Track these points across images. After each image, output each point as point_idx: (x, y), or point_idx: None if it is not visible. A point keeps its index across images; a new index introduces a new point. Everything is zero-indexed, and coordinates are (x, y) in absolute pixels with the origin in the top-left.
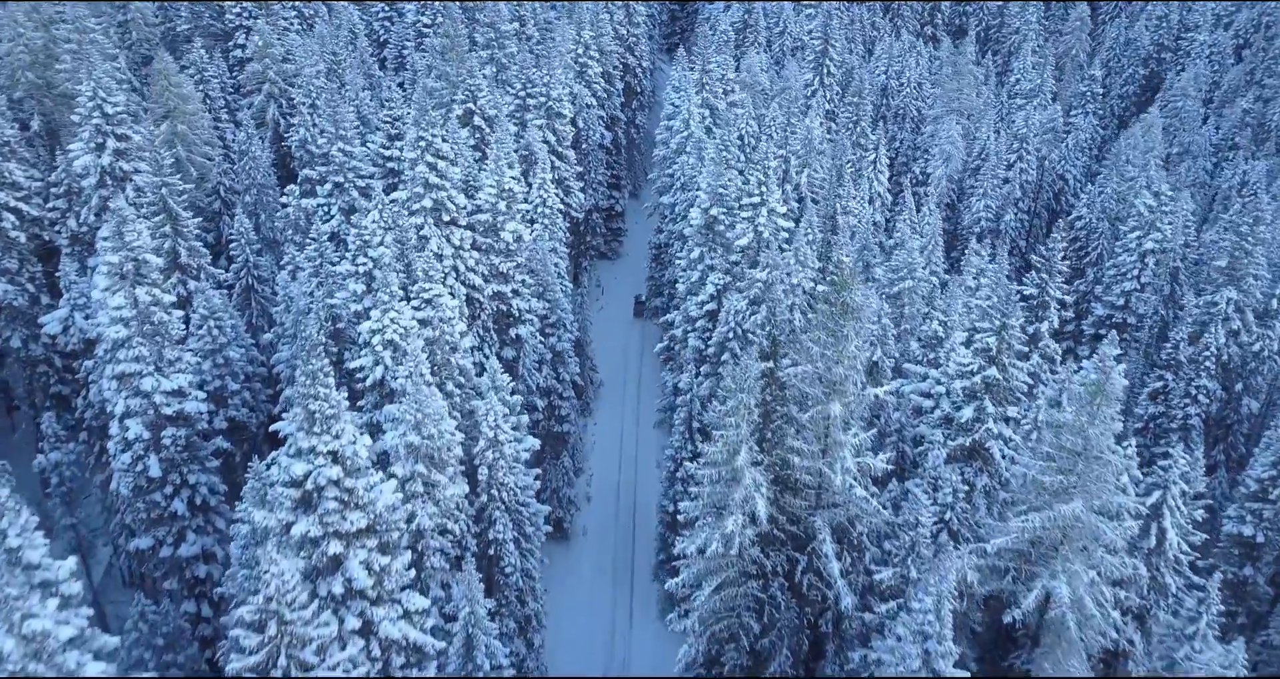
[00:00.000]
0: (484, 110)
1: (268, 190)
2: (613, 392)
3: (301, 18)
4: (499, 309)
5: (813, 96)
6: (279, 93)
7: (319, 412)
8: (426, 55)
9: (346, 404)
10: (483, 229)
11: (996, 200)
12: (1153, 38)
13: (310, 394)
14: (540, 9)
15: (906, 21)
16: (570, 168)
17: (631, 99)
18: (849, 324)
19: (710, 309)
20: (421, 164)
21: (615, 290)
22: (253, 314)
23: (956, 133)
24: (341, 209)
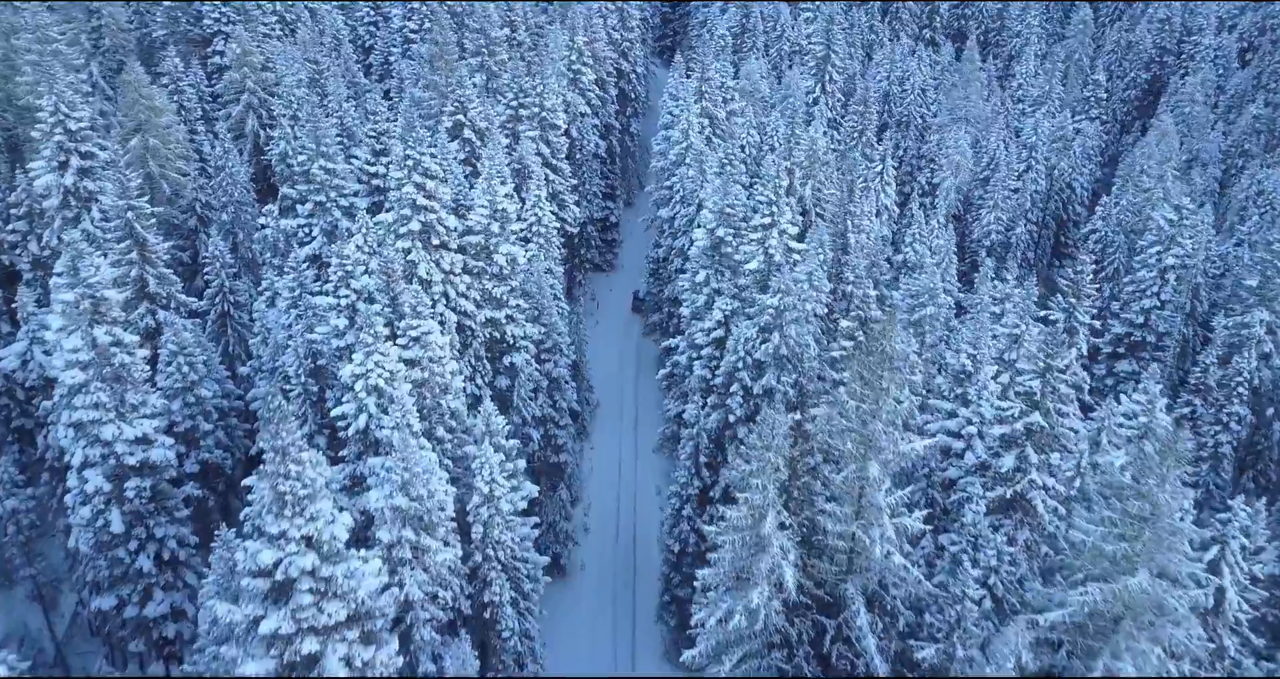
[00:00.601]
0: (474, 122)
1: (246, 207)
2: (610, 412)
3: (283, 23)
4: (492, 336)
5: (814, 104)
6: (258, 103)
7: (290, 493)
8: (414, 62)
9: (325, 459)
10: (474, 252)
11: (1007, 212)
12: (1155, 41)
13: (280, 472)
14: (531, 12)
15: (905, 25)
16: (565, 180)
17: (626, 105)
18: (889, 375)
19: (718, 336)
20: (409, 184)
21: (610, 303)
22: (229, 342)
23: (965, 143)
24: (323, 230)
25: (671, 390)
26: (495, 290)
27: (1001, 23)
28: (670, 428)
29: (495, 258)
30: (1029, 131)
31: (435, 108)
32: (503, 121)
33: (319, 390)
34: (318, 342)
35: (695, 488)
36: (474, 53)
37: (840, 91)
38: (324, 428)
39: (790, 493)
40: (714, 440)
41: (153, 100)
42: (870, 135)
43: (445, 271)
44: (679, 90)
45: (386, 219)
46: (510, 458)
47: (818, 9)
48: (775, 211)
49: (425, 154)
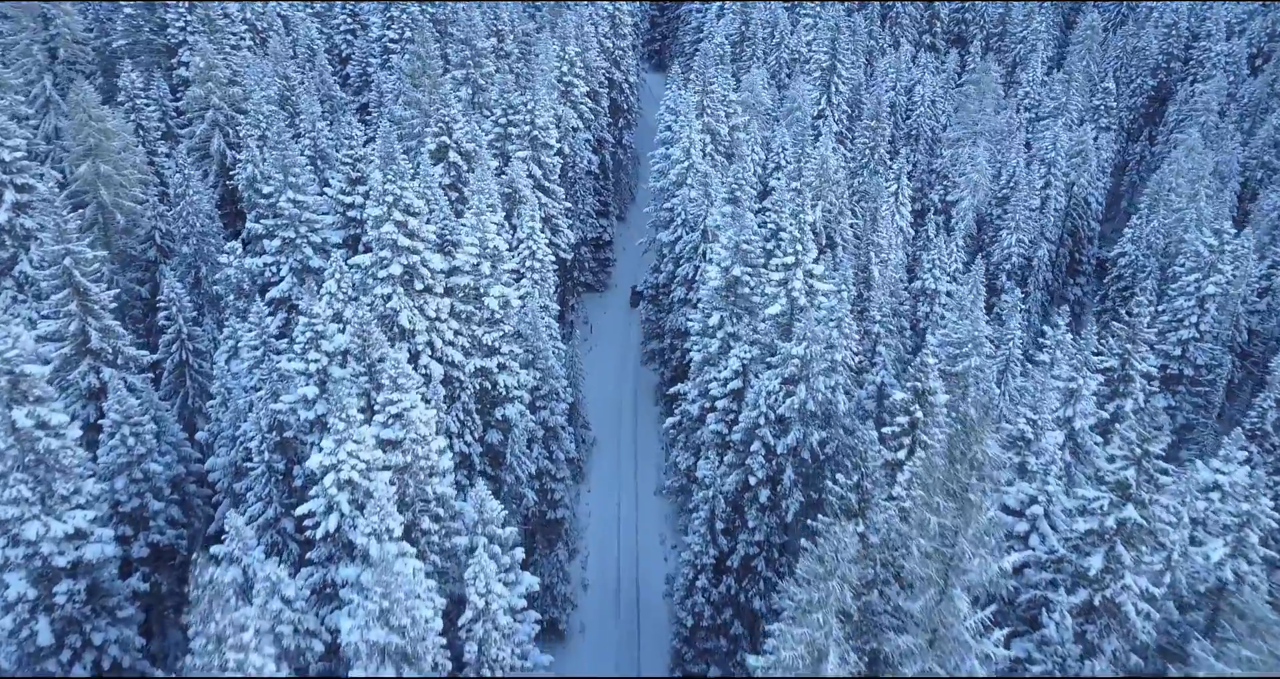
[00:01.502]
0: (460, 144)
1: (210, 238)
2: (608, 449)
3: (254, 31)
4: (482, 386)
5: (820, 118)
6: (225, 120)
7: None
8: (394, 76)
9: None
10: (463, 295)
11: (1028, 233)
12: (1161, 47)
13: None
14: (518, 19)
15: (905, 31)
16: (558, 203)
17: (618, 116)
18: (978, 484)
19: (735, 387)
20: (389, 222)
21: (605, 326)
22: (188, 394)
23: (984, 159)
24: (293, 269)
25: (680, 441)
26: (486, 336)
27: (1004, 28)
28: (678, 480)
29: (486, 301)
30: (1047, 146)
31: (417, 127)
32: (491, 140)
33: (285, 466)
34: (283, 412)
35: (711, 556)
36: (458, 65)
37: (846, 103)
38: (289, 509)
39: (849, 615)
40: (731, 503)
41: (104, 122)
42: (883, 152)
43: (430, 318)
44: (678, 103)
45: (364, 261)
46: (507, 549)
47: (818, 15)
48: (800, 249)
49: (407, 188)
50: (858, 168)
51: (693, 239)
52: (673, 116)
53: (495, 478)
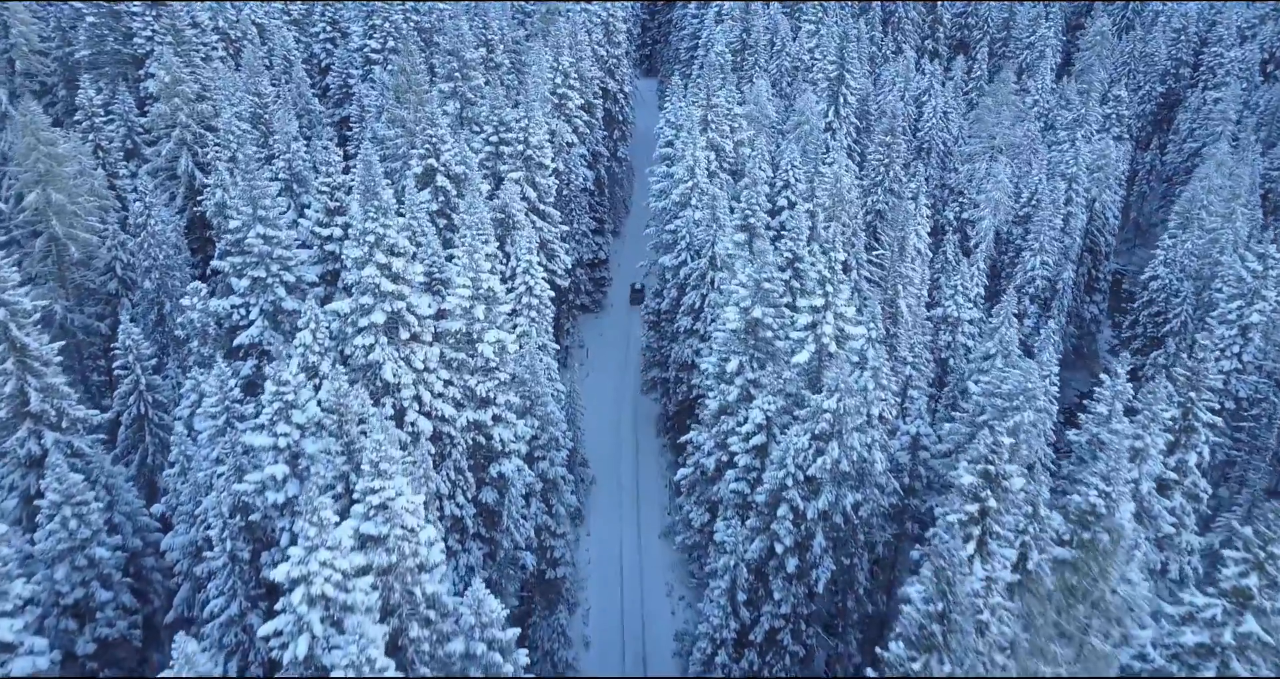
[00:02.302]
0: (449, 167)
1: (174, 272)
2: (607, 487)
3: (227, 41)
4: (475, 442)
5: (828, 131)
6: (194, 139)
7: None
8: (376, 88)
9: None
10: (454, 341)
11: (1053, 255)
12: (1170, 52)
13: None
14: (508, 27)
15: (908, 36)
16: (554, 227)
17: (612, 128)
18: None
19: (758, 443)
20: (370, 265)
21: (601, 350)
22: (148, 451)
23: (1006, 177)
24: (264, 311)
25: (692, 492)
26: (480, 386)
27: (1008, 33)
28: (690, 536)
29: (480, 348)
30: (1068, 160)
31: (402, 148)
32: (481, 159)
33: (251, 554)
34: (248, 493)
35: (732, 630)
36: (445, 77)
37: (855, 115)
38: (255, 603)
39: None
40: (754, 570)
41: (55, 146)
42: (898, 169)
43: (418, 370)
44: (678, 117)
45: (342, 308)
46: (508, 655)
47: (820, 22)
48: (830, 290)
49: (390, 226)
50: (871, 185)
51: (699, 266)
52: (673, 131)
53: (491, 540)
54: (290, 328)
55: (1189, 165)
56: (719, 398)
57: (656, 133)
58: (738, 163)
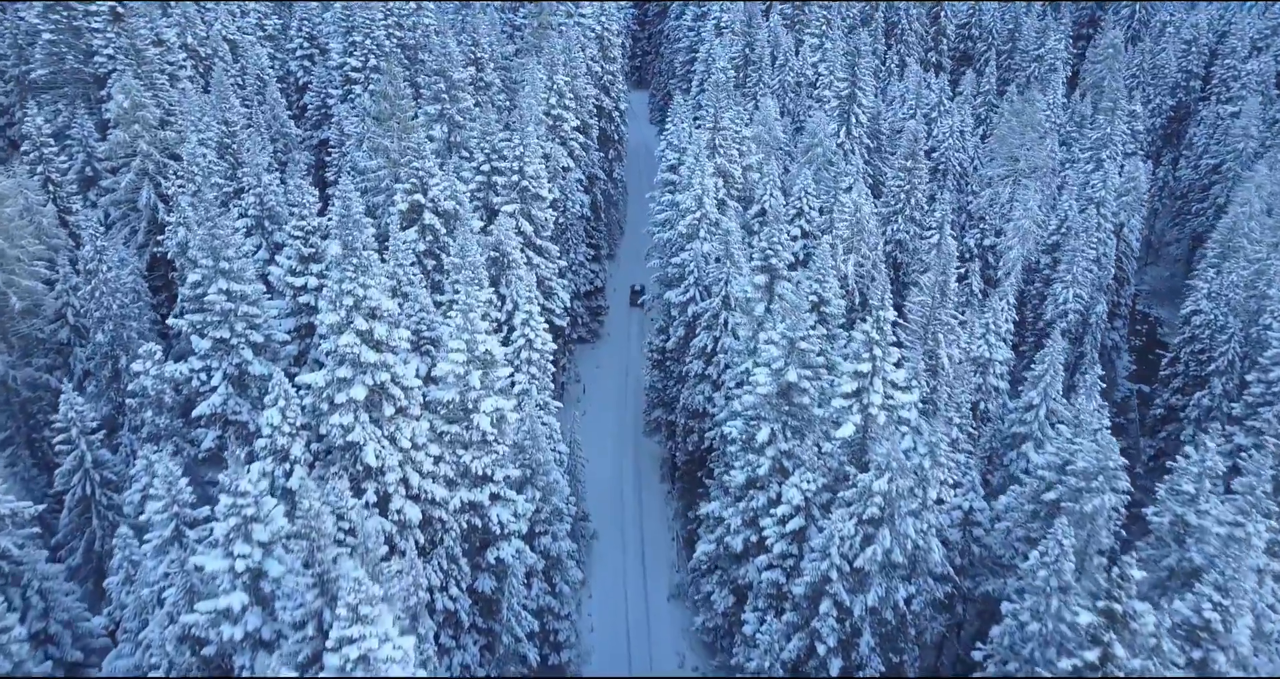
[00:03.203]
0: (438, 203)
1: (131, 322)
2: (609, 539)
3: (196, 59)
4: (470, 524)
5: (839, 152)
6: (156, 169)
7: None
8: (357, 112)
9: None
10: (447, 411)
11: (1086, 287)
12: (1180, 64)
13: None
14: (497, 42)
15: (911, 48)
16: (552, 263)
17: (608, 147)
18: None
19: (796, 526)
20: (349, 332)
21: (599, 384)
22: (94, 537)
23: (1035, 203)
24: (228, 376)
25: (714, 573)
26: (476, 462)
27: (1013, 45)
28: (712, 618)
29: (475, 419)
30: (1096, 184)
31: (385, 180)
32: (472, 189)
33: None
34: (199, 626)
35: None
36: (432, 99)
37: (867, 135)
38: None
39: None
40: (792, 669)
41: None
42: (920, 196)
43: (404, 449)
44: (681, 139)
45: (316, 381)
46: None
47: (824, 35)
48: (879, 353)
49: (370, 285)
50: (890, 213)
51: (712, 306)
52: (676, 154)
53: (488, 631)
54: (259, 393)
55: (1206, 183)
56: (746, 470)
57: (658, 156)
58: (746, 188)
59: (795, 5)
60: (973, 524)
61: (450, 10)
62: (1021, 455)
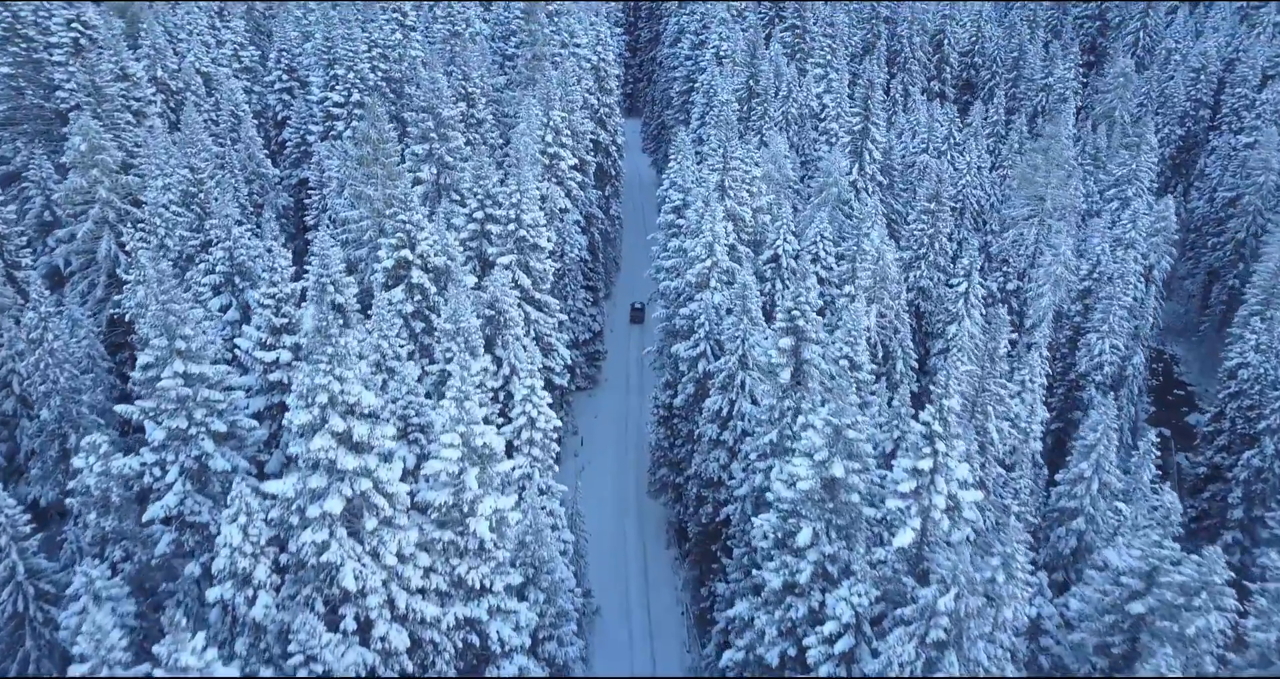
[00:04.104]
0: (427, 259)
1: (81, 396)
2: (613, 618)
3: (167, 94)
4: (466, 642)
5: (853, 190)
6: (117, 216)
7: None
8: (337, 159)
9: None
10: (439, 515)
11: (1123, 337)
12: (1189, 93)
13: None
14: (488, 73)
15: (914, 77)
16: (551, 317)
17: (604, 184)
18: None
19: (845, 647)
20: (323, 434)
21: (597, 432)
22: (29, 657)
23: (1069, 247)
24: (185, 471)
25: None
26: (472, 573)
27: (1018, 73)
28: None
29: (472, 524)
30: (1126, 224)
31: (368, 232)
32: (464, 238)
33: None
34: None
35: None
36: (420, 138)
37: (880, 171)
38: None
39: None
40: None
41: None
42: (944, 241)
43: (389, 566)
44: (684, 179)
45: (285, 491)
46: None
47: (829, 65)
48: (943, 447)
49: (348, 376)
50: (912, 259)
51: (728, 366)
52: (680, 194)
53: None
54: (221, 489)
55: (1222, 216)
56: (783, 572)
57: (660, 195)
58: (757, 231)
59: (795, 33)
60: (1041, 632)
61: (438, 40)
62: (1072, 533)
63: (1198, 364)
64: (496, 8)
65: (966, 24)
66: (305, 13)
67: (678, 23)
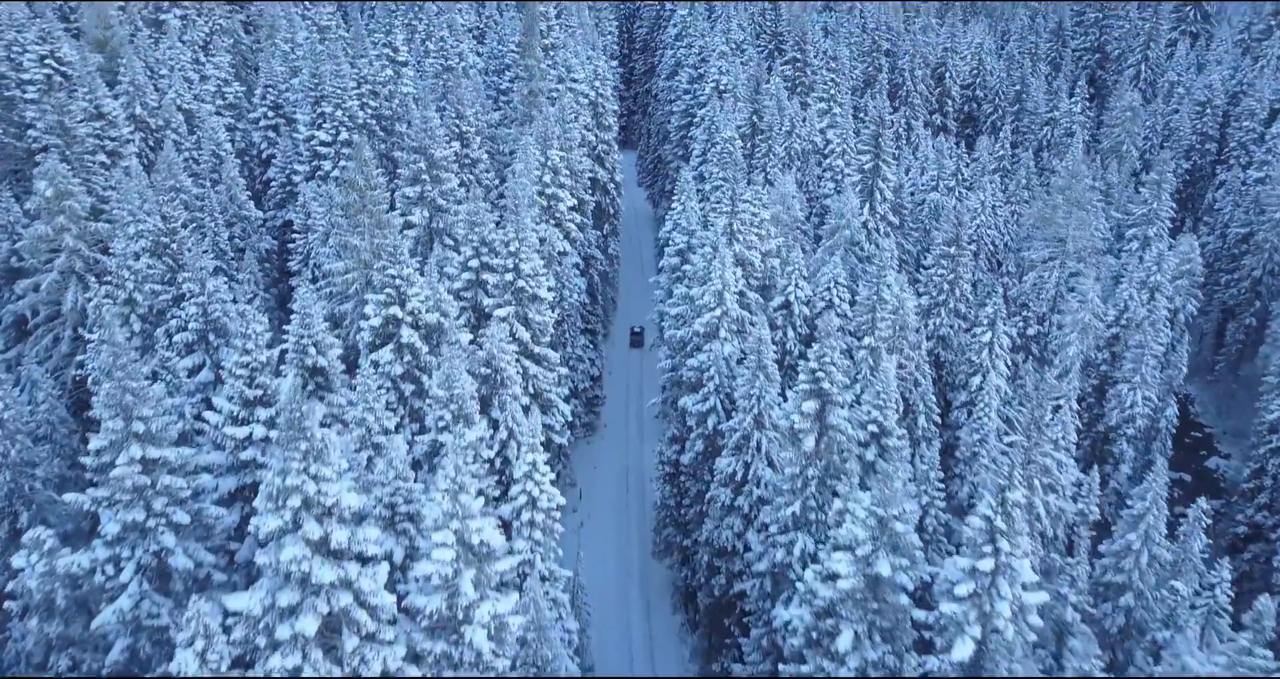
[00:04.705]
0: (418, 316)
1: (34, 470)
2: None
3: (147, 132)
4: None
5: (865, 233)
6: (85, 267)
7: None
8: (323, 204)
9: None
10: (430, 623)
11: (1156, 388)
12: (1194, 126)
13: None
14: (482, 108)
15: (917, 111)
16: (551, 370)
17: (603, 222)
18: None
19: None
20: (296, 543)
21: (596, 482)
22: None
23: (1096, 295)
24: (142, 569)
25: None
26: None
27: (1020, 106)
28: None
29: (468, 633)
30: (1150, 267)
31: (354, 285)
32: (458, 288)
33: None
34: None
35: None
36: (411, 180)
37: (891, 211)
38: None
39: None
40: None
41: None
42: (964, 287)
43: None
44: (689, 221)
45: (251, 608)
46: None
47: (833, 99)
48: (1005, 547)
49: (326, 476)
50: (931, 306)
51: (742, 426)
52: (684, 237)
53: None
54: (184, 588)
55: (1235, 253)
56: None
57: (662, 237)
58: (766, 276)
59: (796, 67)
60: None
61: (430, 75)
62: (1120, 610)
63: (1214, 405)
64: (490, 40)
65: (967, 56)
66: (293, 47)
67: (674, 55)
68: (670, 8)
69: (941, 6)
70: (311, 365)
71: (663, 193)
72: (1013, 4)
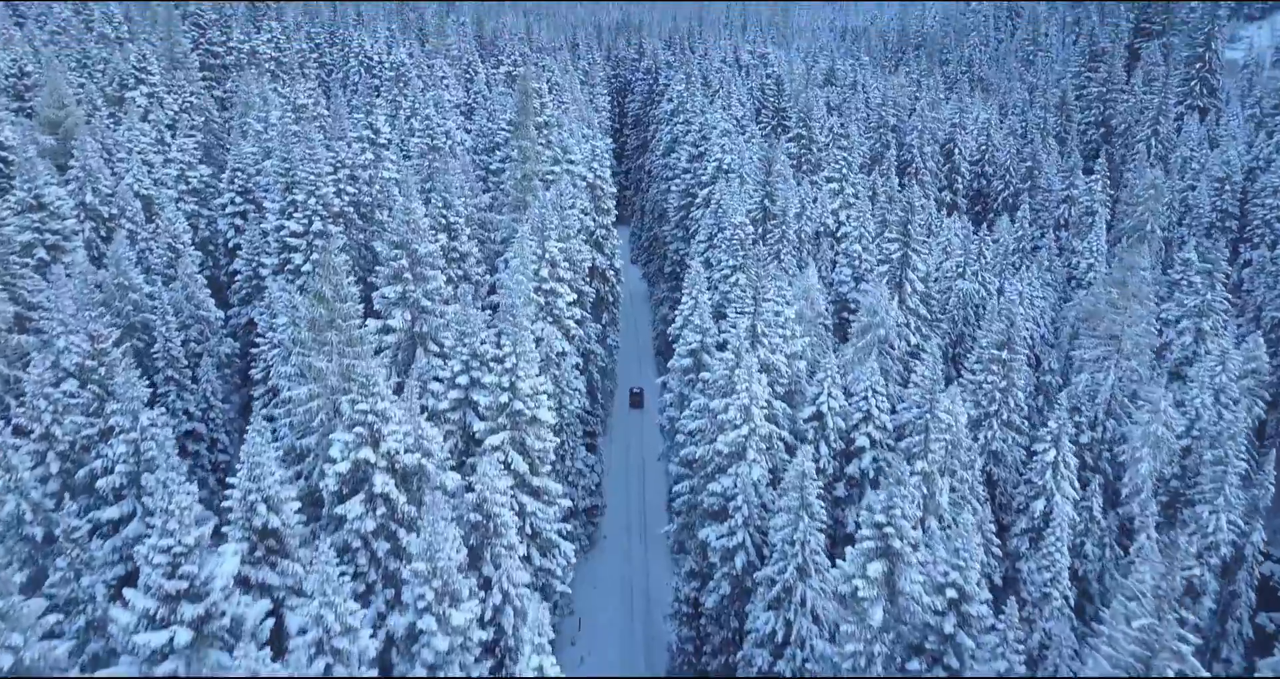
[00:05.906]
0: (395, 458)
1: None
2: None
3: (98, 222)
4: None
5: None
6: (5, 387)
7: None
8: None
9: None
10: None
11: (1239, 509)
12: (1214, 203)
13: None
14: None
15: (927, 189)
16: (552, 505)
17: (602, 312)
18: None
19: None
20: None
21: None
22: None
23: (1167, 404)
24: None
25: None
26: None
27: (1031, 183)
28: None
29: None
30: (1214, 367)
31: (319, 416)
32: (445, 409)
33: None
34: None
35: None
36: (392, 278)
37: (922, 303)
38: None
39: None
40: None
41: None
42: (1018, 396)
43: None
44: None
45: None
46: None
47: (844, 179)
48: None
49: None
50: (981, 417)
51: (784, 576)
52: (698, 336)
53: None
54: None
55: (1272, 338)
56: None
57: (672, 334)
58: (792, 380)
59: (801, 144)
60: None
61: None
62: None
63: None
64: (479, 117)
65: (974, 132)
66: (266, 126)
67: (670, 131)
68: (665, 81)
69: (947, 80)
70: (261, 527)
71: (660, 273)
72: (1008, 80)
